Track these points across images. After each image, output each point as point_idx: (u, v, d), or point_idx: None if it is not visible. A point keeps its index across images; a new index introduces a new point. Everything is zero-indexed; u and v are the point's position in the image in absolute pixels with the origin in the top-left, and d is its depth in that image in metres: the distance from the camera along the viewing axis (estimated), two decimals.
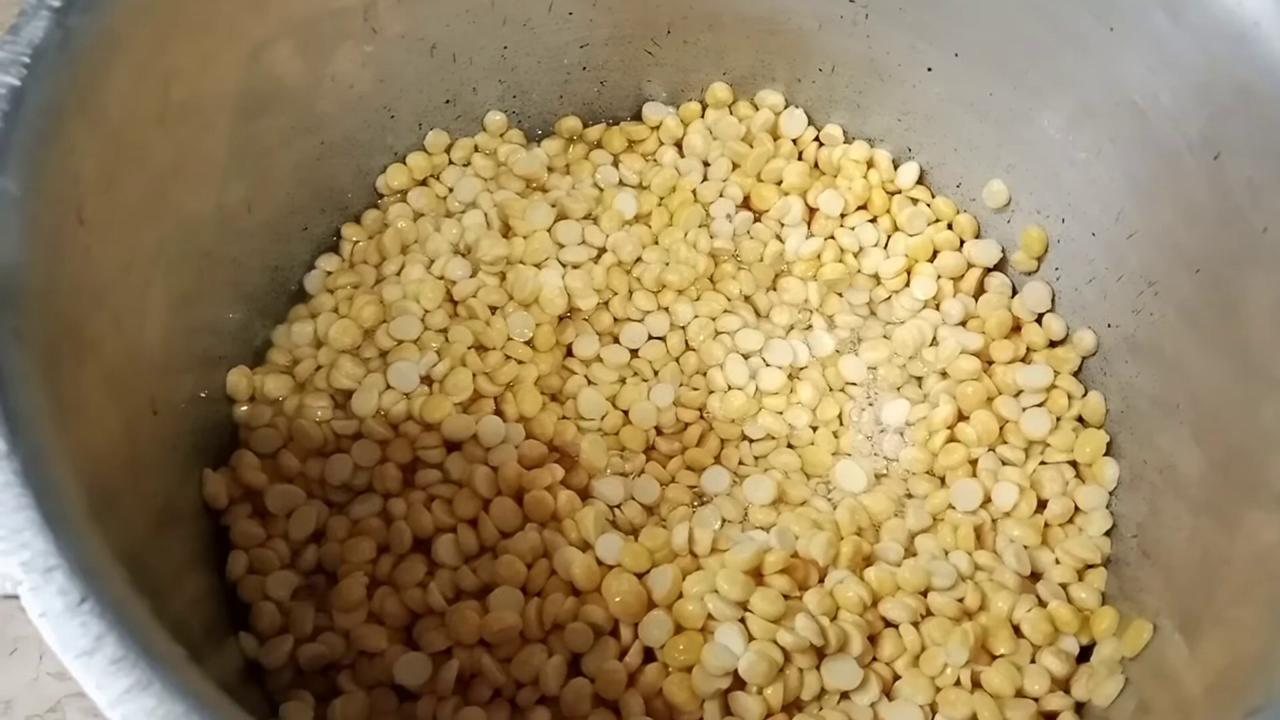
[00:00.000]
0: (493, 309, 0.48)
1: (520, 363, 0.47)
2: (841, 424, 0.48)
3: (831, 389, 0.49)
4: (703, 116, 0.54)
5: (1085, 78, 0.43)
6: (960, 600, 0.42)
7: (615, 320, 0.49)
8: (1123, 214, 0.44)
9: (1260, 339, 0.38)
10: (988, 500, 0.46)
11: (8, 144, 0.30)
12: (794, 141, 0.54)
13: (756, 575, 0.41)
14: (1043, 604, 0.43)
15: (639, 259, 0.51)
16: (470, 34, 0.49)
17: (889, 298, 0.51)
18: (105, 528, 0.29)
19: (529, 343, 0.48)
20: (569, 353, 0.49)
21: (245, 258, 0.45)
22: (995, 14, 0.45)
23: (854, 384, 0.49)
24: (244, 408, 0.45)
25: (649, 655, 0.40)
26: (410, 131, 0.51)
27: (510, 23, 0.49)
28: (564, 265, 0.50)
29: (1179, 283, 0.42)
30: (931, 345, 0.50)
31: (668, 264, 0.50)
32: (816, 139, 0.54)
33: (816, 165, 0.53)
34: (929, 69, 0.49)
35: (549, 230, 0.50)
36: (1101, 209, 0.45)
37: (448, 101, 0.51)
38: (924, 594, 0.42)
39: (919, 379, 0.49)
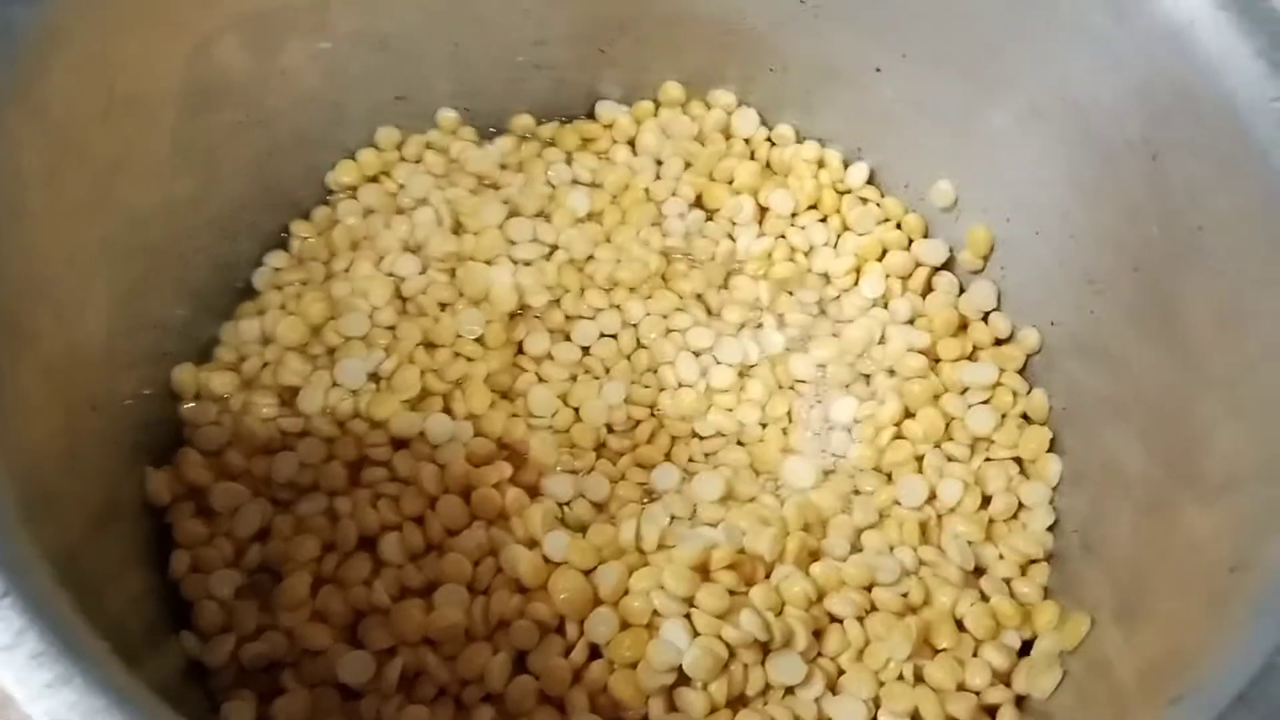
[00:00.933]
0: (442, 306, 0.48)
1: (470, 360, 0.47)
2: (790, 421, 0.49)
3: (781, 386, 0.49)
4: (655, 115, 0.54)
5: (1032, 78, 0.44)
6: (904, 595, 0.43)
7: (567, 318, 0.49)
8: (1067, 214, 0.45)
9: (1198, 337, 0.38)
10: (933, 496, 0.46)
11: None
12: (746, 141, 0.54)
13: (703, 571, 0.41)
14: (985, 599, 0.43)
15: (591, 256, 0.51)
16: (423, 30, 0.49)
17: (838, 296, 0.52)
18: (39, 524, 0.29)
19: (479, 340, 0.48)
20: (520, 350, 0.49)
21: (192, 254, 0.45)
22: (942, 15, 0.45)
23: (803, 381, 0.49)
24: (189, 405, 0.45)
25: (595, 652, 0.40)
26: (361, 127, 0.51)
27: (464, 19, 0.49)
28: (515, 263, 0.50)
29: (1121, 282, 0.42)
30: (880, 343, 0.50)
31: (620, 262, 0.50)
32: (768, 138, 0.54)
33: (768, 165, 0.54)
34: (877, 69, 0.49)
35: (500, 227, 0.50)
36: (1046, 208, 0.46)
37: (399, 98, 0.51)
38: (869, 589, 0.43)
39: (867, 377, 0.50)
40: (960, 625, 0.42)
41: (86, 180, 0.37)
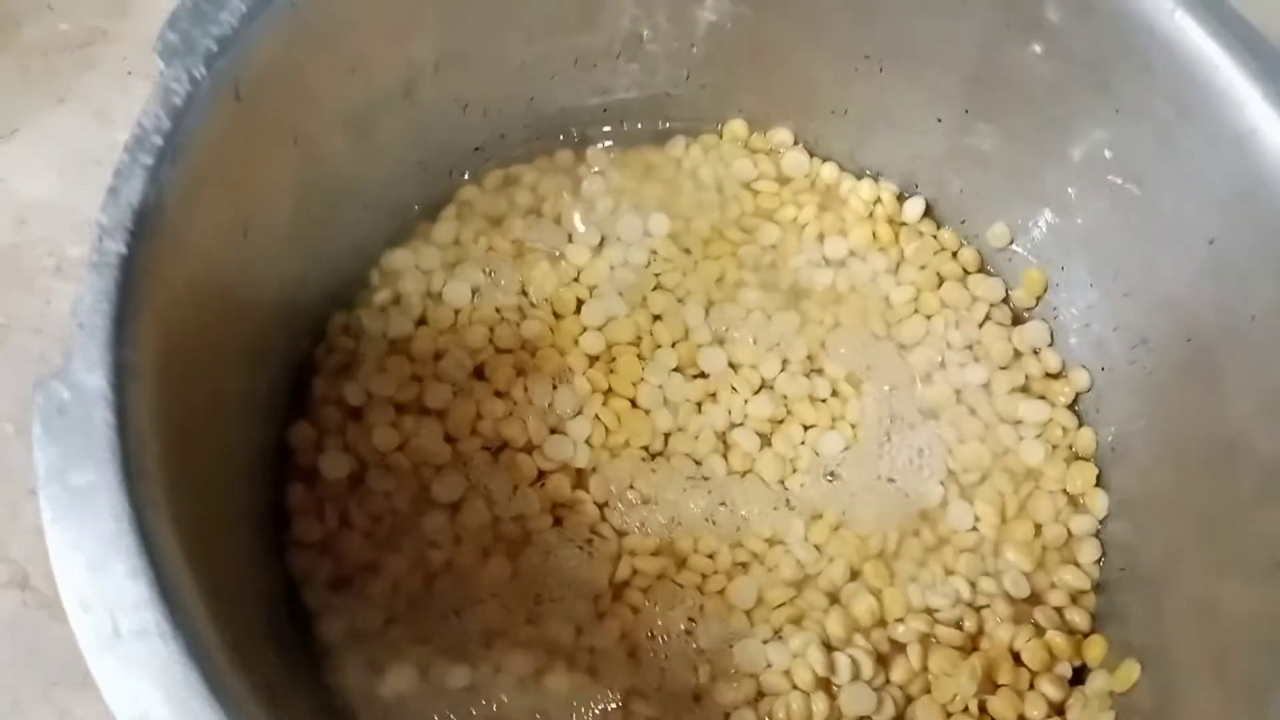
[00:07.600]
0: None
1: None
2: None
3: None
4: (719, 149, 0.56)
5: (1093, 152, 0.46)
6: (960, 626, 0.46)
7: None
8: (1120, 273, 0.47)
9: (1243, 416, 0.41)
10: (986, 525, 0.50)
11: (127, 309, 0.32)
12: (805, 177, 0.56)
13: None
14: (1039, 630, 0.47)
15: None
16: (500, 91, 0.50)
17: (898, 324, 0.54)
18: None
19: None
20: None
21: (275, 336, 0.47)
22: (1006, 82, 0.47)
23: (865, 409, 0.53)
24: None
25: None
26: (440, 179, 0.53)
27: (538, 78, 0.51)
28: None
29: (1173, 346, 0.45)
30: (939, 371, 0.53)
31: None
32: (826, 174, 0.56)
33: (826, 200, 0.56)
34: (939, 119, 0.51)
35: None
36: (1101, 265, 0.48)
37: (476, 149, 0.53)
38: (928, 612, 0.47)
39: (925, 406, 0.53)
40: (1016, 657, 0.47)
41: (217, 302, 0.39)
